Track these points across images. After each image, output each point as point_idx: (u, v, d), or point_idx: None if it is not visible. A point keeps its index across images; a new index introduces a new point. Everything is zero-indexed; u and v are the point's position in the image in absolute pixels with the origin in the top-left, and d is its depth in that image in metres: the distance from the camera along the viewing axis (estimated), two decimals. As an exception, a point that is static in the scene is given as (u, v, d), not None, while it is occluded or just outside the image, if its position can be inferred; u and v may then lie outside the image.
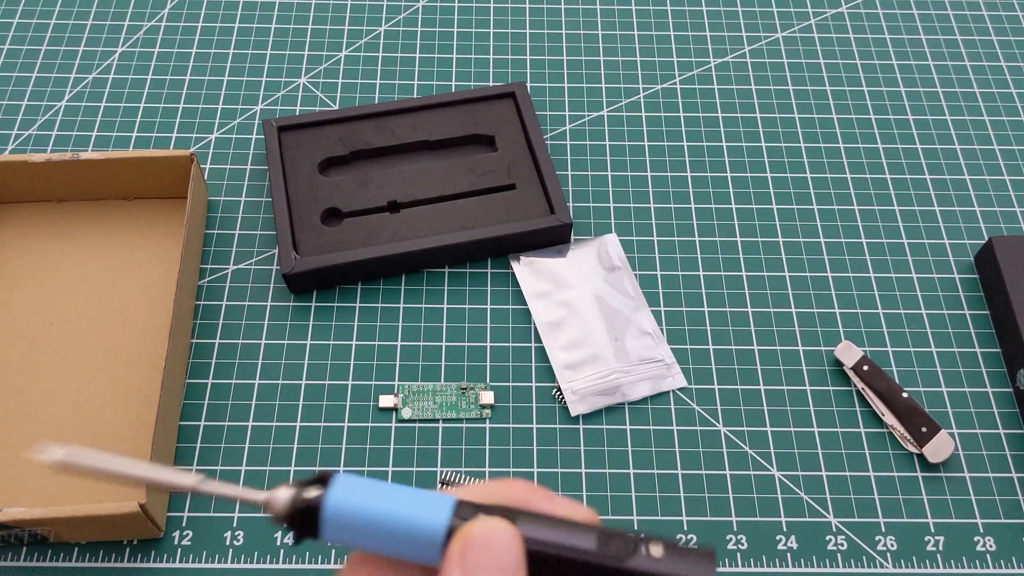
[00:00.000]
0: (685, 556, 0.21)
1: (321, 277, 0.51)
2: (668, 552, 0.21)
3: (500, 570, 0.20)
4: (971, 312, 0.53)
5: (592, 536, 0.21)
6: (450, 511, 0.21)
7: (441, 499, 0.21)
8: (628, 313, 0.52)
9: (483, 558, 0.20)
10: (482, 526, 0.21)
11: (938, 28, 0.66)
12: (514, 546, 0.20)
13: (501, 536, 0.20)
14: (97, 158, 0.52)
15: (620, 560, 0.21)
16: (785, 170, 0.58)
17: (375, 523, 0.21)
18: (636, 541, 0.21)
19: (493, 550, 0.20)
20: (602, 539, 0.21)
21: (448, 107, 0.58)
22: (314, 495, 0.21)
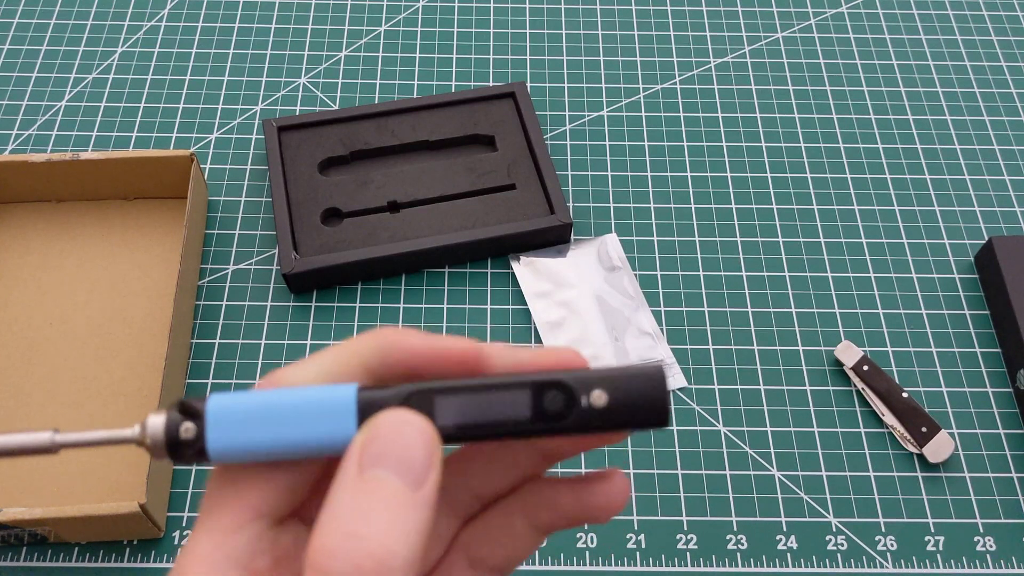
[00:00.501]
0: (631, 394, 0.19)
1: (321, 277, 0.52)
2: (611, 395, 0.19)
3: (406, 469, 0.18)
4: (971, 312, 0.53)
5: (525, 397, 0.19)
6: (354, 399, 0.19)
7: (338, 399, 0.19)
8: (628, 313, 0.52)
9: (386, 453, 0.18)
10: (389, 418, 0.19)
11: (938, 28, 0.66)
12: (422, 442, 0.18)
13: (409, 431, 0.18)
14: (97, 158, 0.52)
15: (560, 421, 0.19)
16: (785, 170, 0.58)
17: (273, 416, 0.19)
18: (574, 391, 0.19)
19: (399, 446, 0.18)
20: (536, 398, 0.19)
21: (448, 107, 0.58)
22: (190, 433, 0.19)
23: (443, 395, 0.19)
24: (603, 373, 0.20)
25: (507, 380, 0.20)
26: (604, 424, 0.19)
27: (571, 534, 0.45)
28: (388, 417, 0.19)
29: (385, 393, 0.19)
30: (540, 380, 0.20)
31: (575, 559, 0.44)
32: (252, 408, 0.19)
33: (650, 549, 0.45)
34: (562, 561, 0.44)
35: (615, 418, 0.19)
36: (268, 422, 0.19)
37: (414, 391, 0.19)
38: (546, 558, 0.44)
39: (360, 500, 0.17)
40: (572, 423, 0.19)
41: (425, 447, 0.18)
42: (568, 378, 0.20)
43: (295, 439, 0.19)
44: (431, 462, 0.18)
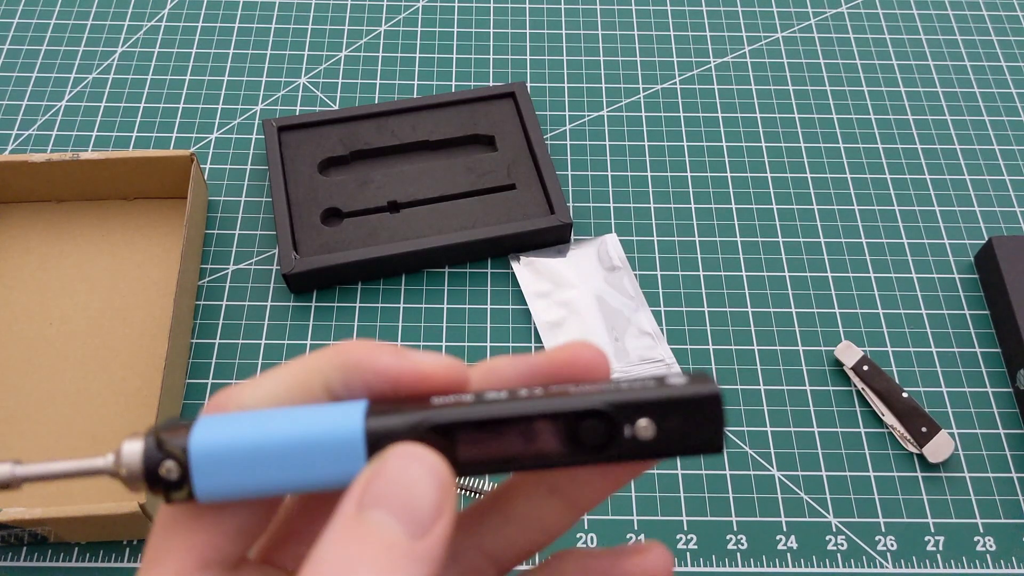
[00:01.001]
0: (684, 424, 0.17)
1: (321, 277, 0.51)
2: (660, 424, 0.17)
3: (408, 513, 0.15)
4: (971, 312, 0.53)
5: (559, 428, 0.17)
6: (364, 454, 0.17)
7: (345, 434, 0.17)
8: (628, 313, 0.52)
9: (388, 494, 0.16)
10: (398, 452, 0.16)
11: (938, 28, 0.66)
12: (431, 484, 0.16)
13: (417, 469, 0.16)
14: (97, 158, 0.52)
15: (599, 453, 0.17)
16: (785, 170, 0.58)
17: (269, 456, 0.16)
18: (616, 421, 0.17)
19: (403, 485, 0.16)
20: (570, 429, 0.17)
21: (448, 107, 0.58)
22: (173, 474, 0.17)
23: (466, 430, 0.17)
24: (651, 396, 0.17)
25: (536, 408, 0.17)
26: (646, 455, 0.17)
27: (571, 535, 0.45)
28: (397, 451, 0.16)
29: (398, 422, 0.17)
30: (575, 409, 0.17)
31: (575, 559, 0.44)
32: (244, 443, 0.17)
33: (650, 549, 0.45)
34: (562, 561, 0.44)
35: (661, 450, 0.17)
36: (264, 460, 0.17)
37: (432, 425, 0.17)
38: (545, 558, 0.44)
39: (351, 546, 0.15)
40: (613, 455, 0.17)
41: (434, 490, 0.16)
42: (608, 406, 0.17)
43: (295, 478, 0.17)
44: (440, 509, 0.16)
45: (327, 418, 0.17)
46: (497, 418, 0.17)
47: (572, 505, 0.20)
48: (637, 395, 0.17)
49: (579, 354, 0.18)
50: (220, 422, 0.17)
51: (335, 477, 0.17)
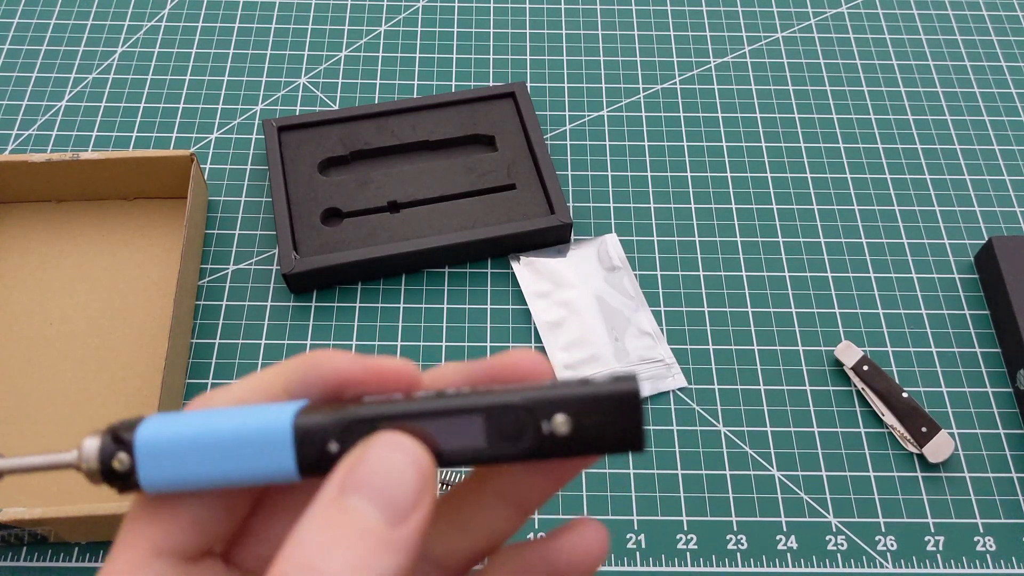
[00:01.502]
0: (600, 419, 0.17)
1: (321, 277, 0.51)
2: (576, 420, 0.17)
3: (387, 500, 0.16)
4: (971, 312, 0.53)
5: (478, 423, 0.17)
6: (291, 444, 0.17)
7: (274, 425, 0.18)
8: (628, 313, 0.52)
9: (369, 481, 0.16)
10: (383, 440, 0.17)
11: (938, 28, 0.66)
12: (413, 474, 0.16)
13: (400, 458, 0.16)
14: (97, 158, 0.52)
15: (517, 447, 0.17)
16: (785, 170, 0.58)
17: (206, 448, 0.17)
18: (534, 415, 0.17)
19: (384, 473, 0.16)
20: (490, 423, 0.17)
21: (448, 107, 0.58)
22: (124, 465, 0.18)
23: (387, 423, 0.17)
24: (568, 393, 0.17)
25: (457, 404, 0.17)
26: (567, 452, 0.17)
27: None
28: (381, 439, 0.17)
29: (324, 419, 0.17)
30: (494, 403, 0.17)
31: (575, 559, 0.44)
32: (184, 436, 0.18)
33: (650, 549, 0.45)
34: (562, 561, 0.44)
35: (580, 446, 0.17)
36: (201, 452, 0.17)
37: (355, 419, 0.17)
38: (546, 558, 0.44)
39: (329, 529, 0.15)
40: (530, 451, 0.17)
41: (416, 479, 0.16)
42: (525, 402, 0.17)
43: (230, 470, 0.17)
44: (419, 498, 0.16)
45: (262, 415, 0.18)
46: (416, 413, 0.17)
47: (517, 508, 0.20)
48: (554, 392, 0.17)
49: (519, 359, 0.19)
50: (167, 419, 0.18)
51: (267, 470, 0.17)
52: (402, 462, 0.16)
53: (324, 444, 0.17)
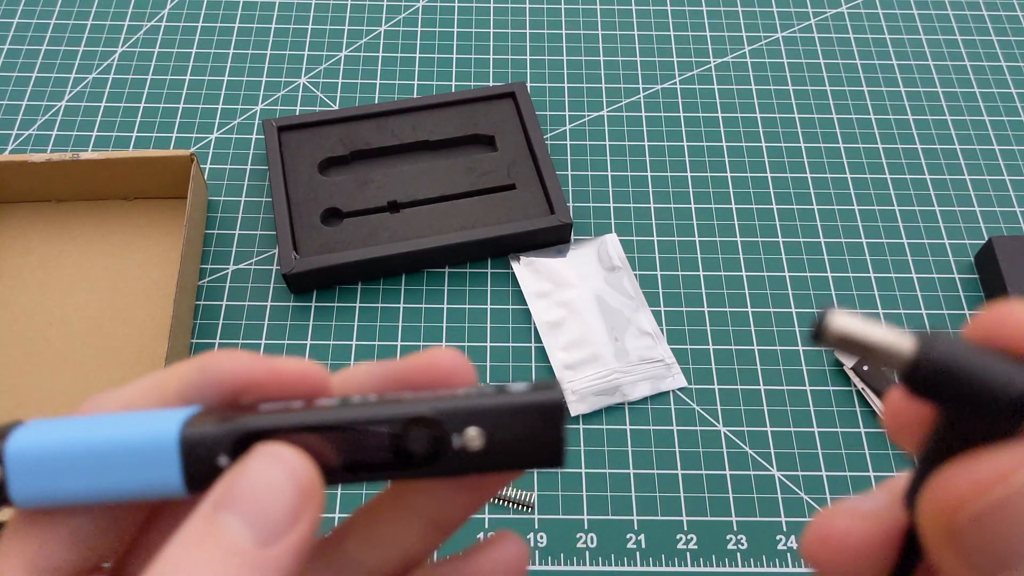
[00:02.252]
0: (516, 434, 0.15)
1: (321, 277, 0.51)
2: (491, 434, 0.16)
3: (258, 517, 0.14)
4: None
5: (384, 437, 0.16)
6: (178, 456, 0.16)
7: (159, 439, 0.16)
8: (628, 313, 0.52)
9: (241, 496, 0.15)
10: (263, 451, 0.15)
11: (938, 28, 0.66)
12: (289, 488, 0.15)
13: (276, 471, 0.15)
14: (97, 158, 0.52)
15: (425, 463, 0.16)
16: (785, 170, 0.58)
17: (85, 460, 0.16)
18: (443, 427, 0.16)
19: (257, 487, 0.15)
20: (398, 438, 0.16)
21: (448, 107, 0.58)
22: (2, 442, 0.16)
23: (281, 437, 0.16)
24: (482, 404, 0.16)
25: (359, 415, 0.16)
26: (480, 469, 0.16)
27: (570, 533, 0.45)
28: (260, 451, 0.15)
29: (213, 430, 0.16)
30: (399, 415, 0.16)
31: (575, 559, 0.44)
32: (61, 447, 0.16)
33: (650, 549, 0.45)
34: (562, 561, 0.44)
35: (495, 463, 0.16)
36: (79, 464, 0.16)
37: (247, 431, 0.16)
38: (546, 558, 0.44)
39: (195, 548, 0.14)
40: (439, 468, 0.16)
41: (293, 496, 0.15)
42: (434, 411, 0.16)
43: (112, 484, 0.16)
44: (296, 516, 0.15)
45: (148, 423, 0.16)
46: (313, 425, 0.16)
47: (435, 526, 0.19)
48: (467, 402, 0.16)
49: (438, 360, 0.17)
50: (45, 426, 0.16)
51: (152, 485, 0.16)
52: (279, 477, 0.15)
53: (213, 458, 0.16)
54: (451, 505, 0.18)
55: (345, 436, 0.16)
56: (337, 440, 0.16)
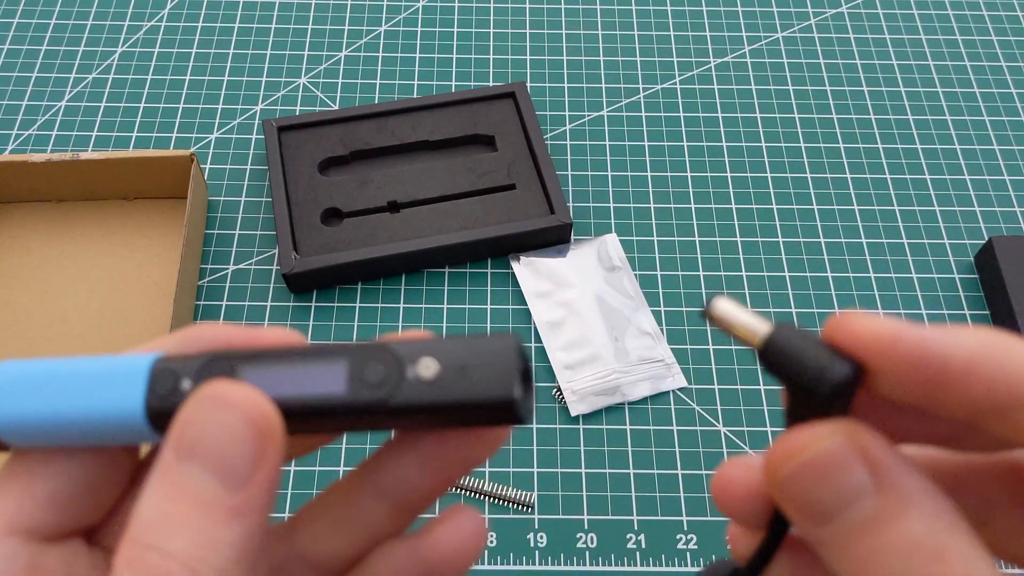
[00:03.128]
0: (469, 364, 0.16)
1: (321, 277, 0.52)
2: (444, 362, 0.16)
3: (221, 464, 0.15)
4: (971, 312, 0.53)
5: (343, 366, 0.16)
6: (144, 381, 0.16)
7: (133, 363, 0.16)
8: (628, 313, 0.52)
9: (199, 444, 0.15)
10: (206, 393, 0.15)
11: (938, 28, 0.66)
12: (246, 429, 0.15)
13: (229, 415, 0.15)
14: (97, 158, 0.52)
15: (383, 395, 0.16)
16: (785, 170, 0.58)
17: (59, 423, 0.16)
18: (400, 358, 0.16)
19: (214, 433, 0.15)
20: (355, 368, 0.16)
21: (448, 107, 0.58)
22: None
23: (248, 363, 0.16)
24: (439, 341, 0.16)
25: (325, 348, 0.16)
26: (434, 404, 0.16)
27: (571, 533, 0.45)
28: (203, 392, 0.15)
29: (182, 361, 0.16)
30: (361, 346, 0.16)
31: (575, 559, 0.44)
32: (38, 374, 0.16)
33: (650, 549, 0.45)
34: (562, 561, 0.44)
35: (447, 395, 0.16)
36: (52, 389, 0.16)
37: (213, 357, 0.16)
38: (546, 558, 0.44)
39: (166, 503, 0.14)
40: (396, 400, 0.16)
41: (252, 438, 0.15)
42: (393, 344, 0.16)
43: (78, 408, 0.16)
44: (260, 457, 0.15)
45: (122, 359, 0.17)
46: (280, 354, 0.16)
47: (399, 507, 0.19)
48: (430, 340, 0.16)
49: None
50: (23, 362, 0.17)
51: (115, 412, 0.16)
52: (234, 421, 0.15)
53: (178, 380, 0.16)
54: (414, 484, 0.18)
55: (304, 369, 0.16)
56: (303, 372, 0.16)
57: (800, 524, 0.16)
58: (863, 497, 0.15)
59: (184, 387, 0.16)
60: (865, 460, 0.15)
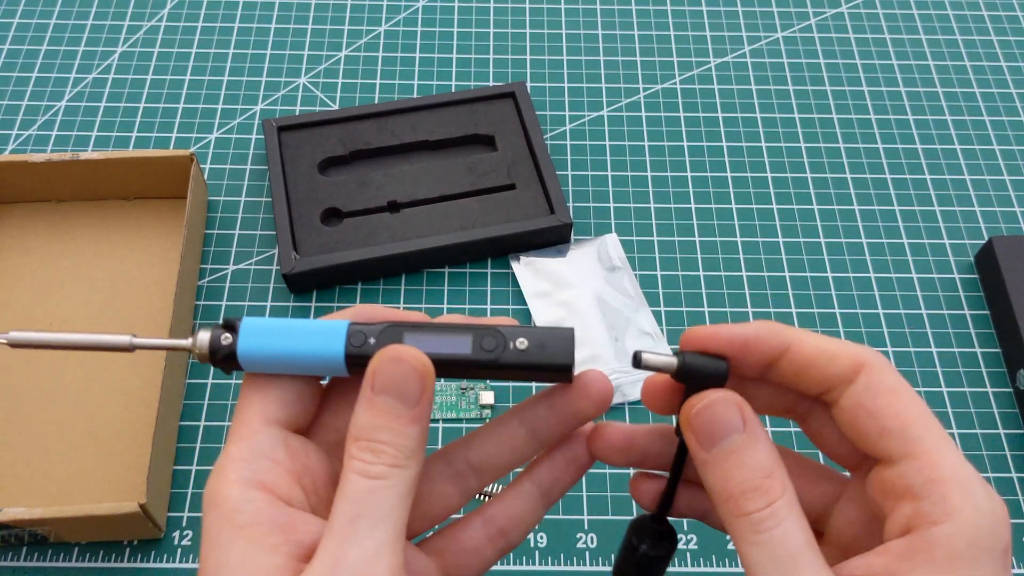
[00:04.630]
0: (547, 342, 0.25)
1: (321, 277, 0.52)
2: (531, 341, 0.25)
3: (402, 395, 0.24)
4: (971, 312, 0.53)
5: (467, 337, 0.25)
6: (344, 338, 0.25)
7: (335, 327, 0.25)
8: (628, 313, 0.52)
9: (387, 384, 0.24)
10: (388, 354, 0.24)
11: (938, 28, 0.66)
12: (415, 375, 0.24)
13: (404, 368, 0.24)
14: (97, 158, 0.52)
15: (492, 356, 0.25)
16: (785, 170, 0.58)
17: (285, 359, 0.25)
18: (504, 335, 0.25)
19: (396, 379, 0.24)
20: (476, 340, 0.25)
21: (448, 107, 0.58)
22: (223, 338, 0.25)
23: (409, 331, 0.25)
24: (528, 328, 0.26)
25: (457, 325, 0.26)
26: (525, 364, 0.25)
27: (571, 533, 0.45)
28: (388, 351, 0.24)
29: (367, 327, 0.25)
30: (481, 326, 0.26)
31: (575, 559, 0.44)
32: (274, 326, 0.25)
33: (650, 549, 0.45)
34: (562, 561, 0.44)
35: (533, 359, 0.25)
36: (283, 337, 0.25)
37: (388, 326, 0.25)
38: (545, 558, 0.44)
39: (373, 417, 0.24)
40: (502, 360, 0.25)
41: (417, 379, 0.24)
42: (501, 327, 0.26)
43: (300, 351, 0.25)
44: (423, 389, 0.24)
45: (329, 323, 0.26)
46: (428, 325, 0.26)
47: (533, 434, 0.27)
48: (521, 327, 0.26)
49: None
50: (259, 319, 0.26)
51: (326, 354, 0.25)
52: (407, 369, 0.24)
53: (366, 338, 0.25)
54: (543, 419, 0.27)
55: (445, 336, 0.25)
56: (440, 340, 0.25)
57: (694, 449, 0.24)
58: (735, 432, 0.24)
59: (371, 342, 0.25)
60: (740, 410, 0.24)
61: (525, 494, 0.28)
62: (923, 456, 0.23)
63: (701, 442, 0.24)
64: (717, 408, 0.24)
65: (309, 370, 0.25)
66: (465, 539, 0.28)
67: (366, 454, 0.23)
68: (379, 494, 0.23)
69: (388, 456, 0.23)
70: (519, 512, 0.28)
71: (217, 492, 0.24)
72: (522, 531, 0.28)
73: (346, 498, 0.23)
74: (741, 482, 0.23)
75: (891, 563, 0.22)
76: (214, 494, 0.24)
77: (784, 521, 0.22)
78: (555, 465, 0.28)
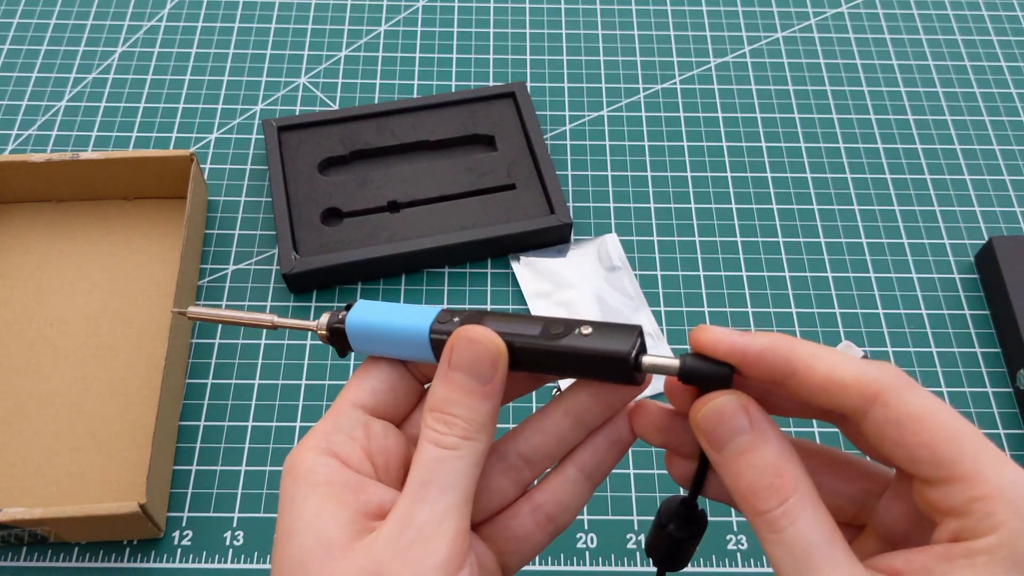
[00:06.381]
0: (610, 333, 0.26)
1: (321, 277, 0.52)
2: (596, 330, 0.26)
3: (476, 372, 0.26)
4: (971, 312, 0.53)
5: (538, 325, 0.27)
6: (432, 318, 0.27)
7: (430, 310, 0.28)
8: (628, 313, 0.52)
9: (462, 361, 0.26)
10: (463, 334, 0.26)
11: (938, 28, 0.66)
12: (488, 355, 0.26)
13: (479, 348, 0.26)
14: (97, 158, 0.52)
15: (557, 339, 0.26)
16: (785, 170, 0.58)
17: (382, 334, 0.28)
18: (572, 324, 0.26)
19: (471, 357, 0.26)
20: (545, 326, 0.27)
21: (448, 107, 0.58)
22: (340, 316, 0.29)
23: (489, 317, 0.27)
24: (594, 318, 0.29)
25: (529, 316, 0.27)
26: (589, 347, 0.25)
27: (571, 533, 0.45)
28: (462, 331, 0.26)
29: (456, 312, 0.28)
30: (550, 317, 0.27)
31: (575, 559, 0.44)
32: (380, 307, 0.28)
33: (650, 549, 0.45)
34: (562, 561, 0.44)
35: (596, 344, 0.25)
36: (385, 314, 0.28)
37: (472, 312, 0.28)
38: (546, 558, 0.44)
39: (448, 392, 0.26)
40: (567, 343, 0.26)
41: (490, 359, 0.26)
42: (568, 319, 0.27)
43: (395, 326, 0.28)
44: (495, 368, 0.26)
45: (424, 309, 0.28)
46: (506, 315, 0.27)
47: (577, 423, 0.28)
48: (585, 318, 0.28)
49: None
50: (371, 302, 0.29)
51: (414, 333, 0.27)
52: (480, 348, 0.26)
53: (452, 317, 0.27)
54: (588, 408, 0.28)
55: (522, 323, 0.27)
56: (517, 325, 0.27)
57: (707, 450, 0.25)
58: (742, 433, 0.24)
59: (455, 321, 0.27)
60: (745, 412, 0.24)
61: (570, 480, 0.29)
62: (961, 479, 0.22)
63: (711, 444, 0.24)
64: (722, 411, 0.24)
65: (401, 348, 0.28)
66: (516, 526, 0.29)
67: (440, 425, 0.25)
68: (449, 463, 0.25)
69: (460, 428, 0.25)
70: (565, 498, 0.29)
71: (295, 457, 0.26)
72: (570, 515, 0.29)
73: (419, 464, 0.25)
74: (752, 482, 0.23)
75: (930, 561, 0.22)
76: (292, 459, 0.26)
77: (798, 518, 0.22)
78: (598, 447, 0.29)
